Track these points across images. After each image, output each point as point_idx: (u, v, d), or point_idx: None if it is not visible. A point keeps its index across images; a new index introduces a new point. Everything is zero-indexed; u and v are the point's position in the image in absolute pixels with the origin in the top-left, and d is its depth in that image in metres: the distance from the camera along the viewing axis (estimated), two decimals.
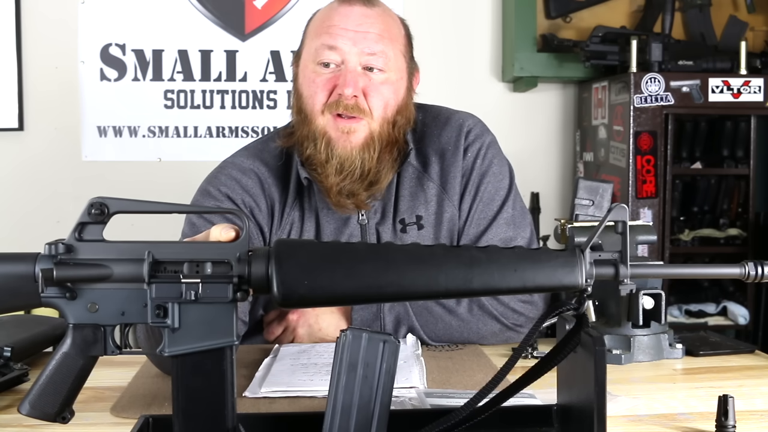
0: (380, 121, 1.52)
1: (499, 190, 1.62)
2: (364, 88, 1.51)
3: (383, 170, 1.53)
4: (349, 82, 1.49)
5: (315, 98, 1.52)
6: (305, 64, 1.55)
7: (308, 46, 1.56)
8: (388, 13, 1.58)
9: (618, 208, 0.88)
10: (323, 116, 1.51)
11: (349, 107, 1.49)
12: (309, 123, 1.53)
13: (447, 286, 0.88)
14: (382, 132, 1.52)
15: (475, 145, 1.63)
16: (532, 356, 1.40)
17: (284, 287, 0.86)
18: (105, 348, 0.89)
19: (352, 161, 1.50)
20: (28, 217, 3.14)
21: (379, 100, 1.52)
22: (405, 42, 1.59)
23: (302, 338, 1.50)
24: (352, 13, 1.53)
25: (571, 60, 3.12)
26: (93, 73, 3.16)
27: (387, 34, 1.53)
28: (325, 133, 1.51)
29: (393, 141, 1.55)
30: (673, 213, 3.01)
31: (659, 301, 1.38)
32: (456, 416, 0.90)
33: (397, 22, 1.60)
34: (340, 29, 1.51)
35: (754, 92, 2.90)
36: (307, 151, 1.53)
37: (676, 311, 3.04)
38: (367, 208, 1.56)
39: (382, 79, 1.52)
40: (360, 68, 1.51)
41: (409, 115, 1.59)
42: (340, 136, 1.51)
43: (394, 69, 1.54)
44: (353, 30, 1.51)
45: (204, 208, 1.56)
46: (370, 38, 1.51)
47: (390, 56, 1.52)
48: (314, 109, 1.52)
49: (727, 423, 1.00)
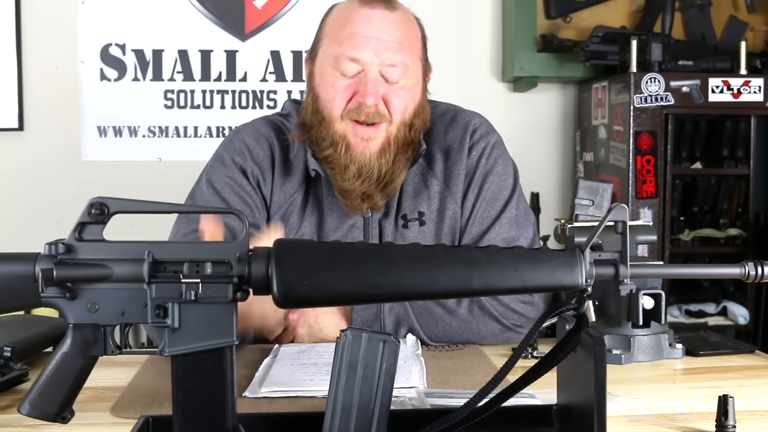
0: (398, 125, 1.54)
1: (502, 189, 1.62)
2: (384, 94, 1.52)
3: (397, 170, 1.55)
4: (371, 92, 1.50)
5: (334, 103, 1.53)
6: (323, 66, 1.55)
7: (327, 49, 1.55)
8: (407, 16, 1.59)
9: (618, 208, 0.88)
10: (342, 122, 1.53)
11: (369, 114, 1.51)
12: (327, 125, 1.54)
13: (447, 286, 0.87)
14: (399, 135, 1.54)
15: (480, 144, 1.63)
16: (532, 356, 1.40)
17: (284, 287, 0.86)
18: (105, 348, 0.89)
19: (370, 167, 1.52)
20: (28, 217, 3.14)
21: (399, 104, 1.53)
22: (422, 45, 1.61)
23: (302, 338, 1.51)
24: (373, 17, 1.53)
25: (571, 60, 3.12)
26: (93, 73, 3.16)
27: (407, 41, 1.54)
28: (344, 137, 1.53)
29: (408, 143, 1.56)
30: (673, 213, 3.01)
31: (659, 301, 1.38)
32: (456, 416, 0.90)
33: (415, 24, 1.61)
34: (361, 38, 1.51)
35: (754, 92, 2.90)
36: (326, 152, 1.54)
37: (676, 311, 3.04)
38: (380, 210, 1.57)
39: (401, 86, 1.54)
40: (380, 76, 1.52)
41: (425, 116, 1.61)
42: (359, 143, 1.52)
43: (412, 75, 1.55)
44: (375, 38, 1.51)
45: (204, 208, 1.55)
46: (391, 48, 1.51)
47: (409, 64, 1.54)
48: (333, 113, 1.53)
49: (727, 423, 1.00)
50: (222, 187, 1.57)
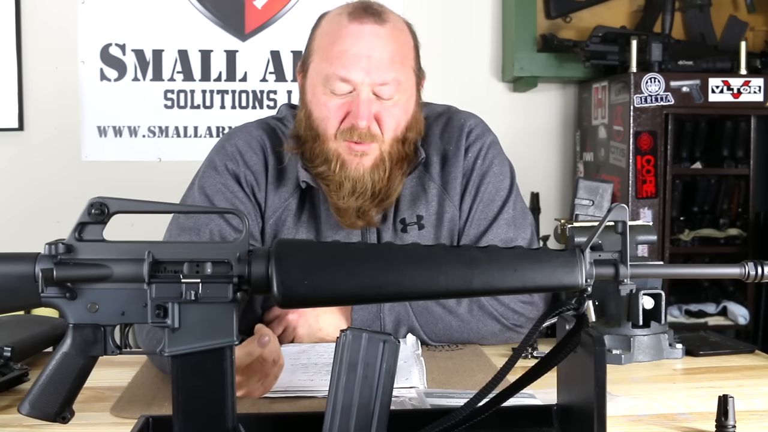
0: (391, 142, 1.52)
1: (499, 190, 1.62)
2: (376, 113, 1.50)
3: (393, 186, 1.54)
4: (363, 114, 1.48)
5: (327, 123, 1.51)
6: (314, 83, 1.53)
7: (318, 66, 1.52)
8: (398, 27, 1.55)
9: (618, 208, 0.88)
10: (336, 141, 1.51)
11: (362, 135, 1.49)
12: (321, 143, 1.52)
13: (447, 286, 0.88)
14: (392, 152, 1.53)
15: (476, 145, 1.63)
16: (532, 356, 1.40)
17: (284, 287, 0.86)
18: (105, 348, 0.89)
19: (364, 183, 1.51)
20: (28, 217, 3.13)
21: (390, 122, 1.51)
22: (414, 55, 1.57)
23: (302, 338, 1.50)
24: (363, 33, 1.49)
25: (571, 60, 3.12)
26: (93, 73, 3.16)
27: (398, 56, 1.51)
28: (338, 155, 1.51)
29: (403, 157, 1.55)
30: (673, 213, 3.01)
31: (659, 301, 1.38)
32: (456, 416, 0.90)
33: (407, 34, 1.57)
34: (351, 56, 1.48)
35: (754, 92, 2.90)
36: (320, 168, 1.53)
37: (676, 311, 3.04)
38: (376, 225, 1.57)
39: (393, 102, 1.52)
40: (371, 95, 1.50)
41: (419, 127, 1.59)
42: (353, 159, 1.51)
43: (405, 90, 1.53)
44: (366, 55, 1.48)
45: (203, 208, 1.55)
46: (382, 66, 1.49)
47: (401, 80, 1.51)
48: (327, 132, 1.51)
49: (727, 423, 1.00)
50: (214, 194, 1.55)
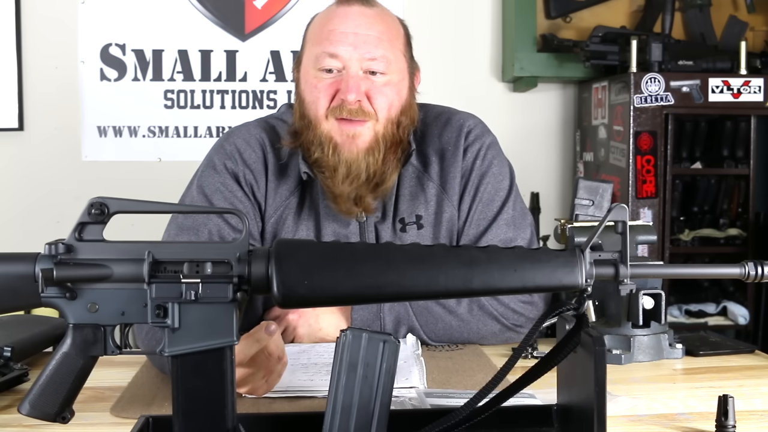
0: (385, 123, 1.52)
1: (499, 190, 1.62)
2: (367, 91, 1.51)
3: (388, 171, 1.54)
4: (352, 87, 1.49)
5: (318, 103, 1.52)
6: (306, 70, 1.55)
7: (309, 51, 1.55)
8: (386, 12, 1.58)
9: (618, 208, 0.88)
10: (327, 121, 1.52)
11: (353, 111, 1.49)
12: (314, 128, 1.53)
13: (447, 286, 0.87)
14: (386, 133, 1.53)
15: (475, 145, 1.63)
16: (532, 356, 1.40)
17: (284, 287, 0.86)
18: (105, 348, 0.89)
19: (358, 165, 1.51)
20: (28, 217, 3.13)
21: (383, 101, 1.52)
22: (404, 42, 1.59)
23: (302, 338, 1.50)
24: (350, 13, 1.53)
25: (571, 60, 3.12)
26: (93, 73, 3.16)
27: (386, 35, 1.53)
28: (331, 138, 1.51)
29: (397, 142, 1.55)
30: (673, 213, 3.01)
31: (659, 301, 1.38)
32: (456, 416, 0.90)
33: (396, 21, 1.60)
34: (339, 34, 1.51)
35: (754, 92, 2.90)
36: (315, 155, 1.53)
37: (676, 311, 3.04)
38: (373, 212, 1.57)
39: (385, 81, 1.52)
40: (361, 72, 1.51)
41: (413, 115, 1.59)
42: (345, 140, 1.51)
43: (396, 70, 1.54)
44: (353, 32, 1.51)
45: (204, 207, 1.55)
46: (370, 41, 1.51)
47: (391, 58, 1.53)
48: (318, 114, 1.52)
49: (727, 423, 1.00)
50: (212, 194, 1.55)
